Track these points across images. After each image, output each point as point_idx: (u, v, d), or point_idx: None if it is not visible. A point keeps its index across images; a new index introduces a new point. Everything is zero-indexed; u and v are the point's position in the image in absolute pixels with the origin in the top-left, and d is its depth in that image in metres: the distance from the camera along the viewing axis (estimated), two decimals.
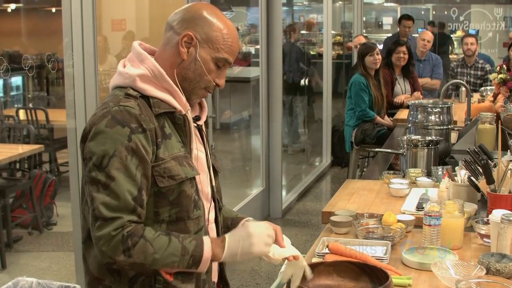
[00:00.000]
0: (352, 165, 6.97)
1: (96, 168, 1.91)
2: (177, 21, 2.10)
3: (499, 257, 2.30)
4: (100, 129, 1.92)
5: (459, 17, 12.49)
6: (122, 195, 1.90)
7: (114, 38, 5.35)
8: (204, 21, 2.07)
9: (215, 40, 2.06)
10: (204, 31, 2.05)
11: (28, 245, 5.96)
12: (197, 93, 2.12)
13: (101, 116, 1.94)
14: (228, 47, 2.08)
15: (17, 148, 6.17)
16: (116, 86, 2.07)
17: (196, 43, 2.05)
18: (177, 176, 2.01)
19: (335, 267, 2.11)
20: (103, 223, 1.89)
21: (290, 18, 10.92)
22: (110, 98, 2.01)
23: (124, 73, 2.05)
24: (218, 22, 2.07)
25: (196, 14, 2.08)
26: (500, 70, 5.21)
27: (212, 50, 2.06)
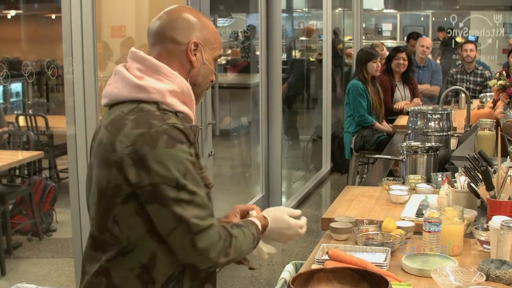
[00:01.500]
0: (351, 172, 6.97)
1: (174, 189, 1.91)
2: (173, 31, 2.07)
3: (499, 263, 2.29)
4: (162, 151, 1.90)
5: (459, 24, 12.49)
6: (204, 203, 1.99)
7: (114, 45, 5.36)
8: (199, 25, 2.10)
9: (213, 40, 2.13)
10: (203, 35, 2.10)
11: (28, 251, 5.95)
12: (202, 95, 2.20)
13: (155, 136, 1.90)
14: (220, 43, 2.17)
15: (17, 154, 6.17)
16: (133, 99, 1.99)
17: (201, 48, 2.09)
18: (210, 184, 2.14)
19: (334, 274, 2.10)
20: (204, 234, 1.96)
21: (289, 24, 10.93)
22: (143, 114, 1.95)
23: (148, 87, 1.98)
24: (208, 23, 2.13)
25: (190, 21, 2.09)
26: (500, 77, 5.21)
27: (212, 51, 2.13)
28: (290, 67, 9.72)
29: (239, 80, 9.58)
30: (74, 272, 4.26)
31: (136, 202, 1.95)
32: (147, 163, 1.89)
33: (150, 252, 2.00)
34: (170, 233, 1.94)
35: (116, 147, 1.93)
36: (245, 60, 9.88)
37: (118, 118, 1.97)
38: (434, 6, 13.55)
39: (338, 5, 11.07)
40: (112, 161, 1.94)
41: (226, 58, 10.10)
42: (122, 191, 1.94)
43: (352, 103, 6.72)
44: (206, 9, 5.07)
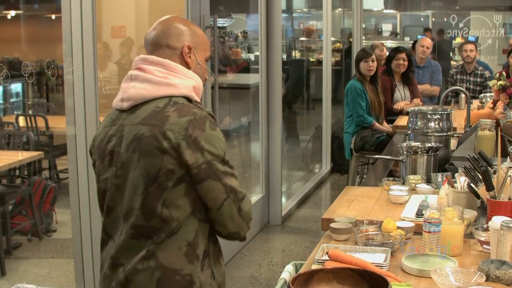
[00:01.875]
0: (351, 172, 6.96)
1: (221, 164, 2.18)
2: (167, 38, 2.31)
3: (499, 263, 2.29)
4: (210, 133, 2.16)
5: (459, 24, 12.50)
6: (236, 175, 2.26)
7: (114, 45, 5.36)
8: (189, 32, 2.34)
9: (203, 43, 2.36)
10: (193, 39, 2.34)
11: (28, 252, 5.96)
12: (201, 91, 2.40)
13: (200, 122, 2.16)
14: (208, 45, 2.41)
15: (17, 155, 6.17)
16: (163, 96, 2.21)
17: (194, 51, 2.32)
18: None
19: (334, 274, 2.10)
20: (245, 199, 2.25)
21: (290, 25, 10.93)
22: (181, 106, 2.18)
23: (177, 84, 2.22)
24: (196, 29, 2.38)
25: (181, 28, 2.34)
26: (500, 77, 5.21)
27: (203, 52, 2.37)
28: (289, 69, 9.72)
29: (239, 80, 9.57)
30: (74, 272, 4.26)
31: (185, 184, 2.14)
32: (200, 144, 2.13)
33: (194, 231, 2.19)
34: (222, 204, 2.18)
35: (168, 136, 2.11)
36: (245, 60, 9.88)
37: (155, 113, 2.16)
38: (434, 7, 13.55)
39: (338, 6, 11.07)
40: (164, 149, 2.11)
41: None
42: (175, 174, 2.12)
43: (351, 103, 6.72)
44: (206, 10, 5.07)
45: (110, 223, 2.28)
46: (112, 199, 2.25)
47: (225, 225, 2.22)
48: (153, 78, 2.21)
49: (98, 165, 2.30)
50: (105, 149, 2.25)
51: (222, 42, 9.41)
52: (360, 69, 6.73)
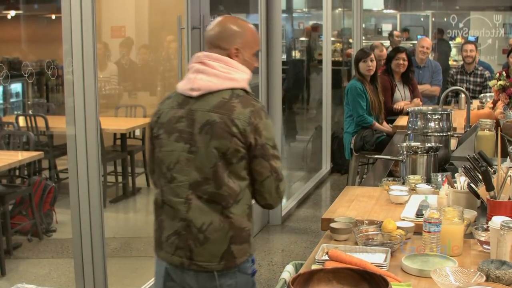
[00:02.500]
0: (351, 172, 6.96)
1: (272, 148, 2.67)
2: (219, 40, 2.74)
3: (499, 264, 2.30)
4: (266, 121, 2.66)
5: (459, 24, 12.50)
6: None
7: (113, 45, 5.37)
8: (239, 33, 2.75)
9: (251, 41, 2.78)
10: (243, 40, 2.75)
11: (28, 252, 5.96)
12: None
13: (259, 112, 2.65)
14: (257, 41, 2.82)
15: (17, 155, 6.17)
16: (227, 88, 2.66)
17: (241, 51, 2.74)
18: None
19: (334, 274, 2.10)
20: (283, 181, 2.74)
21: (289, 24, 10.93)
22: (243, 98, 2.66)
23: (238, 79, 2.69)
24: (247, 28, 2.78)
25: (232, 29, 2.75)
26: (500, 77, 5.21)
27: (251, 49, 2.78)
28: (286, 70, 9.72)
29: None
30: (74, 272, 4.26)
31: (245, 160, 2.64)
32: (259, 130, 2.63)
33: (250, 197, 2.74)
34: (265, 179, 2.67)
35: (236, 123, 2.60)
36: None
37: (223, 104, 2.63)
38: (434, 7, 13.55)
39: (338, 6, 11.07)
40: (233, 133, 2.59)
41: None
42: (239, 153, 2.61)
43: (351, 103, 6.72)
44: (206, 10, 5.07)
45: (172, 189, 2.69)
46: (180, 170, 2.67)
47: (263, 197, 2.72)
48: (218, 73, 2.66)
49: (163, 139, 2.72)
50: (174, 127, 2.69)
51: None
52: (360, 69, 6.73)
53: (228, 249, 2.68)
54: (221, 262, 2.68)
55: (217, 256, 2.67)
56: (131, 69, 7.80)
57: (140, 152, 8.05)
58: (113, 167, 7.85)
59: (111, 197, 7.51)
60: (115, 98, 8.12)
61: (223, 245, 2.67)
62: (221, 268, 2.69)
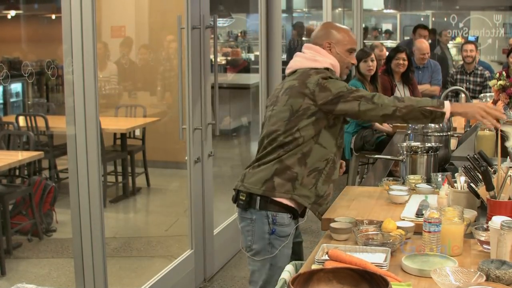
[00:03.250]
0: (351, 172, 6.96)
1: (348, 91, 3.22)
2: (316, 38, 3.48)
3: (499, 263, 2.30)
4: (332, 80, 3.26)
5: (459, 24, 12.50)
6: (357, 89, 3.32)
7: (113, 45, 5.37)
8: (332, 33, 3.45)
9: (342, 39, 3.45)
10: (335, 38, 3.44)
11: (28, 251, 5.96)
12: (344, 71, 3.51)
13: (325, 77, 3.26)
14: (350, 41, 3.47)
15: (17, 154, 6.17)
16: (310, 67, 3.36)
17: (334, 45, 3.43)
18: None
19: (335, 274, 2.10)
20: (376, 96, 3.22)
21: (289, 24, 10.93)
22: (318, 71, 3.32)
23: (319, 60, 3.38)
24: (340, 29, 3.47)
25: (327, 30, 3.47)
26: (500, 77, 5.21)
27: (343, 46, 3.44)
28: None
29: (239, 80, 9.58)
30: (74, 272, 4.26)
31: (314, 117, 3.23)
32: (328, 87, 3.20)
33: (309, 147, 3.26)
34: (359, 109, 3.17)
35: (309, 86, 3.23)
36: (245, 60, 9.89)
37: (303, 73, 3.32)
38: (434, 6, 13.56)
39: (338, 5, 11.07)
40: (306, 93, 3.23)
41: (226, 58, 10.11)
42: (310, 110, 3.22)
43: None
44: (206, 10, 5.07)
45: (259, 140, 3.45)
46: (264, 126, 3.44)
47: (371, 116, 3.20)
48: (306, 56, 3.42)
49: (267, 107, 3.45)
50: (272, 96, 3.46)
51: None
52: (360, 69, 6.74)
53: (271, 178, 3.26)
54: (262, 188, 3.27)
55: (260, 182, 3.28)
56: (131, 69, 7.79)
57: (140, 152, 8.05)
58: (113, 167, 7.85)
59: (111, 197, 7.51)
60: (115, 98, 8.12)
61: (267, 173, 3.27)
62: (261, 193, 3.27)
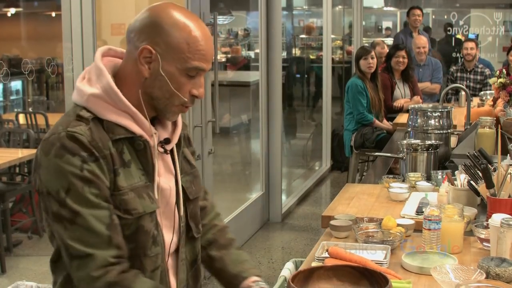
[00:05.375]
0: (351, 169, 6.97)
1: (57, 203, 1.77)
2: (134, 31, 1.86)
3: (499, 261, 2.29)
4: (49, 159, 1.77)
5: (459, 22, 12.48)
6: (92, 228, 1.76)
7: (113, 43, 5.35)
8: (162, 28, 1.82)
9: (180, 49, 1.82)
10: (164, 41, 1.81)
11: (28, 249, 5.96)
12: (172, 110, 1.90)
13: (51, 143, 1.79)
14: (198, 53, 1.83)
15: (17, 152, 6.17)
16: (74, 102, 1.90)
17: (156, 57, 1.82)
18: (134, 210, 1.85)
19: (334, 271, 2.10)
20: (80, 261, 1.77)
21: (289, 22, 10.93)
22: (62, 119, 1.87)
23: (79, 90, 1.87)
24: (180, 26, 1.82)
25: (153, 21, 1.83)
26: (500, 75, 5.21)
27: (178, 61, 1.82)
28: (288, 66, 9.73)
29: (239, 77, 9.57)
30: None
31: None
32: (39, 170, 1.81)
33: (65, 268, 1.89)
34: (60, 250, 1.84)
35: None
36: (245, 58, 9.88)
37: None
38: (434, 4, 13.54)
39: (338, 3, 11.07)
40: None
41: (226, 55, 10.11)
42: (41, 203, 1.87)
43: (351, 101, 6.73)
44: (206, 7, 5.06)
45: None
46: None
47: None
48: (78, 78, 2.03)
49: None
50: None
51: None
52: (360, 67, 6.74)
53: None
54: None
55: None
56: None
57: None
58: None
59: None
60: None
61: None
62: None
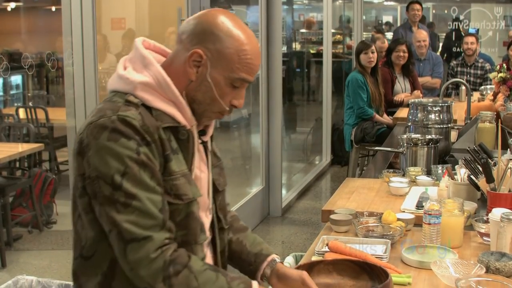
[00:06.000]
0: (352, 164, 6.97)
1: (110, 187, 1.75)
2: (187, 33, 1.86)
3: (499, 255, 2.30)
4: (100, 143, 1.75)
5: (459, 16, 12.47)
6: (147, 211, 1.76)
7: (113, 37, 5.35)
8: (216, 36, 1.83)
9: (230, 59, 1.84)
10: (217, 48, 1.83)
11: (28, 243, 5.96)
12: (209, 116, 1.93)
13: (101, 127, 1.76)
14: (246, 65, 1.87)
15: (17, 147, 6.17)
16: (114, 90, 1.89)
17: (206, 62, 1.84)
18: (185, 195, 1.88)
19: (335, 266, 2.11)
20: (136, 244, 1.75)
21: (290, 16, 10.92)
22: (107, 104, 1.83)
23: (124, 78, 1.86)
24: (234, 36, 1.84)
25: (208, 27, 1.84)
26: (500, 69, 5.21)
27: (226, 70, 1.85)
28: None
29: None
30: None
31: (88, 197, 1.82)
32: (87, 154, 1.77)
33: (108, 259, 1.86)
34: (108, 235, 1.79)
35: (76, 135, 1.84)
36: None
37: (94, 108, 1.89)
38: None
39: None
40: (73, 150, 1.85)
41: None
42: (79, 182, 1.83)
43: (351, 95, 6.72)
44: (206, 1, 5.06)
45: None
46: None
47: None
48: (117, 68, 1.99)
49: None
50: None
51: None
52: (361, 61, 6.74)
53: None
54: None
55: None
56: None
57: None
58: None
59: None
60: None
61: None
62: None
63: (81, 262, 1.90)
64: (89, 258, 1.87)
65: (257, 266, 2.12)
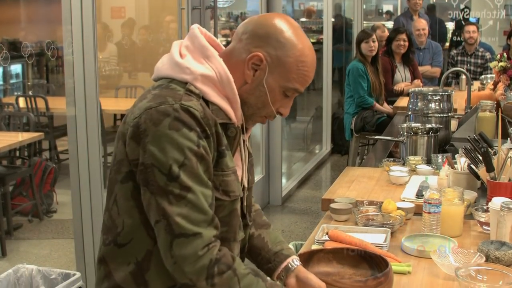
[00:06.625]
0: (352, 153, 6.97)
1: (165, 177, 1.70)
2: (248, 34, 1.84)
3: (499, 244, 2.30)
4: (161, 130, 1.70)
5: (460, 5, 12.44)
6: (200, 206, 1.73)
7: (113, 26, 5.35)
8: (279, 42, 1.81)
9: (289, 68, 1.82)
10: (278, 55, 1.81)
11: (28, 232, 5.97)
12: (255, 119, 1.93)
13: (162, 114, 1.71)
14: (302, 77, 1.85)
15: (17, 136, 6.16)
16: (169, 77, 1.83)
17: (265, 67, 1.82)
18: (232, 192, 1.87)
19: (334, 254, 2.11)
20: (185, 239, 1.71)
21: (290, 5, 10.89)
22: (167, 91, 1.77)
23: (184, 67, 1.81)
24: (296, 46, 1.81)
25: (272, 31, 1.81)
26: (501, 58, 5.20)
27: (282, 78, 1.83)
28: None
29: None
30: (74, 253, 4.27)
31: (133, 183, 1.78)
32: (144, 140, 1.72)
33: (145, 250, 1.82)
34: (155, 225, 1.75)
35: (127, 119, 1.79)
36: None
37: (145, 92, 1.85)
38: None
39: None
40: (120, 133, 1.81)
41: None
42: (124, 167, 1.79)
43: (352, 84, 6.72)
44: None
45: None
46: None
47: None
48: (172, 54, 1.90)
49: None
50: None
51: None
52: (362, 50, 6.73)
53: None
54: None
55: None
56: (131, 49, 7.79)
57: None
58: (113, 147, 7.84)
59: None
60: (115, 79, 8.11)
61: None
62: None
63: (113, 249, 1.86)
64: (124, 246, 1.83)
65: (276, 266, 2.08)
